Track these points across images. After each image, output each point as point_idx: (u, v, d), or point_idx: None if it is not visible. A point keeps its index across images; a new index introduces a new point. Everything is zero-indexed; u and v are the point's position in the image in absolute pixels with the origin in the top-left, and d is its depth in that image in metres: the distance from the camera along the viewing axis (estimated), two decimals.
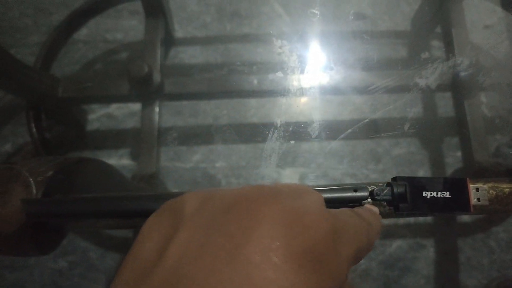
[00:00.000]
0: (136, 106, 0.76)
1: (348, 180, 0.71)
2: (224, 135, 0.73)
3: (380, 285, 0.69)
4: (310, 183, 0.47)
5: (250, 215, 0.17)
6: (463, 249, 0.70)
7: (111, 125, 0.78)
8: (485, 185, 0.27)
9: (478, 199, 0.27)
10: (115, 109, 0.79)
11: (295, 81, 0.58)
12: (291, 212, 0.17)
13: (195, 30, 0.84)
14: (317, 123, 0.55)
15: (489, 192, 0.34)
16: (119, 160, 0.76)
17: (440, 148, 0.74)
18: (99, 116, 0.79)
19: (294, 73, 0.58)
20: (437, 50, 0.77)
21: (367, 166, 0.72)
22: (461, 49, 0.64)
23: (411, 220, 0.71)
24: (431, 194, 0.26)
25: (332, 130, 0.57)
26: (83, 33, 0.84)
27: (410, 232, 0.71)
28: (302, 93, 0.58)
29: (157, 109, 0.68)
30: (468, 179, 0.26)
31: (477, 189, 0.27)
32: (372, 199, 0.26)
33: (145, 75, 0.62)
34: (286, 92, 0.57)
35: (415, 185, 0.26)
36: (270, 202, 0.17)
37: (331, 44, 0.63)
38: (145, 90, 0.66)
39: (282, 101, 0.57)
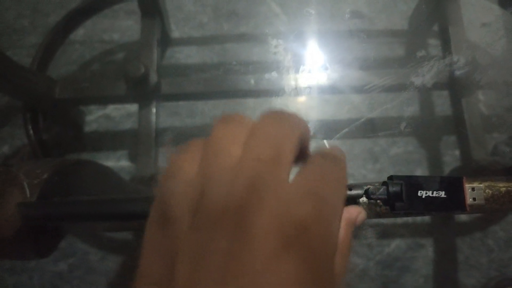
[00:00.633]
0: (133, 107, 0.76)
1: None
2: None
3: (379, 285, 0.69)
4: None
5: (241, 229, 0.17)
6: (461, 248, 0.70)
7: (108, 126, 0.78)
8: (481, 185, 0.27)
9: (474, 199, 0.26)
10: (112, 110, 0.79)
11: (291, 81, 0.58)
12: (279, 214, 0.18)
13: (192, 30, 0.84)
14: (314, 122, 0.55)
15: (485, 191, 0.34)
16: (117, 162, 0.76)
17: (437, 146, 0.74)
18: (97, 117, 0.79)
19: (290, 73, 0.58)
20: (434, 48, 0.77)
21: (365, 166, 0.72)
22: (458, 47, 0.64)
23: (409, 219, 0.71)
24: (426, 193, 0.26)
25: (329, 130, 0.57)
26: (79, 33, 0.84)
27: (408, 232, 0.71)
28: (298, 92, 0.58)
29: (154, 110, 0.68)
30: (464, 178, 0.26)
31: (473, 189, 0.27)
32: (367, 198, 0.26)
33: (141, 76, 0.62)
34: (282, 92, 0.57)
35: (410, 184, 0.26)
36: (257, 209, 0.18)
37: (328, 43, 0.63)
38: (142, 91, 0.66)
39: (278, 101, 0.57)
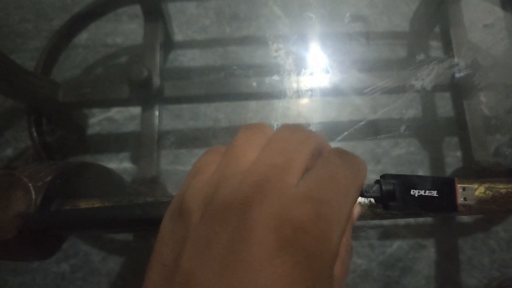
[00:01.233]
0: (136, 110, 0.77)
1: None
2: (223, 138, 0.74)
3: (381, 285, 0.69)
4: None
5: (242, 224, 0.18)
6: (463, 249, 0.70)
7: (111, 129, 0.79)
8: (472, 185, 0.27)
9: (465, 199, 0.27)
10: (116, 113, 0.79)
11: (293, 83, 0.58)
12: (279, 214, 0.19)
13: (195, 33, 0.84)
14: (316, 125, 0.55)
15: (485, 193, 0.34)
16: (120, 164, 0.76)
17: (439, 148, 0.74)
18: (100, 120, 0.79)
19: (291, 76, 0.58)
20: (436, 50, 0.77)
21: (367, 167, 0.72)
22: (459, 49, 0.64)
23: (411, 220, 0.71)
24: (419, 193, 0.26)
25: (331, 132, 0.58)
26: (83, 37, 0.84)
27: (410, 233, 0.71)
28: (300, 95, 0.58)
29: (157, 113, 0.68)
30: (456, 179, 0.27)
31: (463, 189, 0.27)
32: (361, 195, 0.26)
33: (144, 79, 0.63)
34: (284, 95, 0.58)
35: (403, 183, 0.26)
36: (259, 206, 0.19)
37: (329, 46, 0.63)
38: (145, 94, 0.66)
39: (280, 104, 0.58)
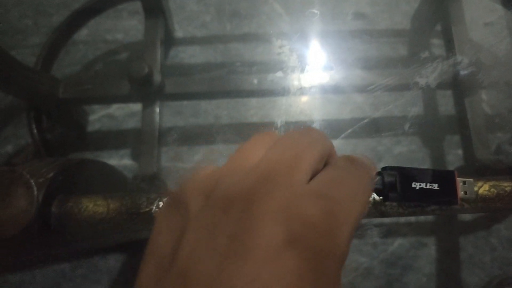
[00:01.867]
0: (137, 107, 0.76)
1: None
2: (225, 135, 0.74)
3: (382, 283, 0.69)
4: None
5: (248, 215, 0.18)
6: (464, 247, 0.70)
7: (112, 125, 0.78)
8: (472, 179, 0.27)
9: (465, 192, 0.27)
10: (116, 109, 0.79)
11: (295, 81, 0.58)
12: (287, 207, 0.18)
13: (195, 30, 0.84)
14: (318, 122, 0.55)
15: (490, 191, 0.34)
16: (120, 161, 0.76)
17: (441, 146, 0.74)
18: (100, 117, 0.79)
19: (294, 73, 0.58)
20: (437, 48, 0.77)
21: None
22: (461, 47, 0.64)
23: (412, 218, 0.71)
24: (420, 185, 0.26)
25: (333, 130, 0.58)
26: (83, 33, 0.84)
27: (411, 231, 0.71)
28: (302, 92, 0.58)
29: (157, 109, 0.68)
30: (456, 172, 0.27)
31: (464, 183, 0.27)
32: None
33: (145, 75, 0.62)
34: (286, 92, 0.57)
35: (405, 175, 0.26)
36: (266, 199, 0.18)
37: (331, 43, 0.63)
38: (145, 90, 0.66)
39: (282, 101, 0.57)
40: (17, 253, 0.35)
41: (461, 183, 0.27)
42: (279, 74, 0.59)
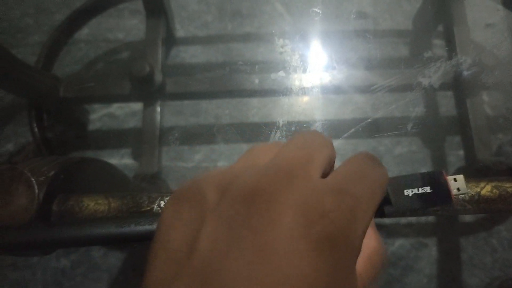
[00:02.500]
0: (138, 106, 0.76)
1: None
2: (226, 134, 0.74)
3: (383, 284, 0.69)
4: None
5: (269, 207, 0.18)
6: (465, 248, 0.70)
7: (112, 124, 0.78)
8: (460, 175, 0.27)
9: (458, 189, 0.27)
10: (117, 108, 0.79)
11: (297, 81, 0.58)
12: (307, 201, 0.18)
13: (196, 29, 0.84)
14: (320, 122, 0.55)
15: (492, 192, 0.34)
16: (121, 160, 0.76)
17: (442, 147, 0.74)
18: (101, 116, 0.79)
19: (296, 73, 0.58)
20: (439, 49, 0.77)
21: None
22: (463, 48, 0.64)
23: (413, 219, 0.71)
24: (412, 191, 0.26)
25: (335, 130, 0.57)
26: (84, 32, 0.84)
27: (412, 231, 0.71)
28: (304, 92, 0.57)
29: (158, 109, 0.68)
30: (443, 171, 0.27)
31: (454, 180, 0.27)
32: None
33: (146, 75, 0.62)
34: (288, 92, 0.57)
35: (395, 185, 0.26)
36: (286, 192, 0.18)
37: (333, 43, 0.63)
38: (146, 90, 0.66)
39: (284, 101, 0.57)
40: (16, 250, 0.35)
41: (452, 181, 0.27)
42: (281, 74, 0.58)
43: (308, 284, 0.16)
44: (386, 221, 0.70)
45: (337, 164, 0.23)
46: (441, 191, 0.26)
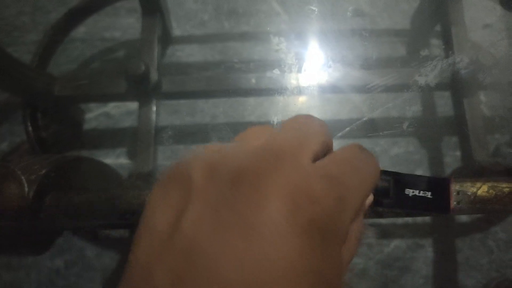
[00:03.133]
0: (133, 105, 0.76)
1: None
2: (220, 133, 0.73)
3: (379, 284, 0.68)
4: None
5: (256, 190, 0.17)
6: (461, 249, 0.70)
7: (108, 124, 0.78)
8: (467, 188, 0.27)
9: (458, 203, 0.26)
10: (112, 107, 0.78)
11: (292, 80, 0.58)
12: (296, 185, 0.18)
13: (193, 28, 0.84)
14: None
15: (488, 192, 0.33)
16: (116, 159, 0.75)
17: (439, 147, 0.74)
18: (96, 115, 0.78)
19: (292, 71, 0.58)
20: (436, 48, 0.77)
21: None
22: (460, 48, 0.64)
23: (409, 220, 0.71)
24: (413, 192, 0.26)
25: (331, 128, 0.57)
26: (80, 31, 0.83)
27: (408, 232, 0.71)
28: (300, 91, 0.57)
29: (154, 108, 0.67)
30: (452, 180, 0.26)
31: (458, 193, 0.26)
32: None
33: (142, 74, 0.62)
34: (283, 91, 0.57)
35: (398, 181, 0.26)
36: (275, 175, 0.18)
37: (329, 41, 0.63)
38: (142, 89, 0.65)
39: (279, 100, 0.57)
40: (7, 250, 0.35)
41: (455, 193, 0.27)
42: (276, 72, 0.58)
43: (293, 269, 0.16)
44: (382, 221, 0.70)
45: None
46: (440, 201, 0.26)
